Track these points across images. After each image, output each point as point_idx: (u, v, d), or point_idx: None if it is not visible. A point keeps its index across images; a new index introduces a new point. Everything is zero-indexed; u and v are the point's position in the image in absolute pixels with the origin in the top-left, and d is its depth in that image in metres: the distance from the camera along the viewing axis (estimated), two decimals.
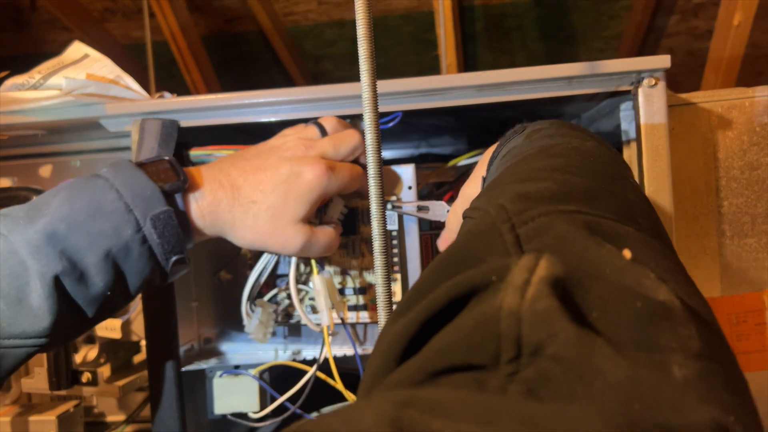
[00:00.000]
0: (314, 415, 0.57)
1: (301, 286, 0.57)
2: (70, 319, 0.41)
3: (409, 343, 0.21)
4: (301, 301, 0.57)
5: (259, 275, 0.56)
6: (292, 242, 0.47)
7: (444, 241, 0.52)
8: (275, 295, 0.58)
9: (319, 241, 0.49)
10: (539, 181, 0.29)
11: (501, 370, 0.18)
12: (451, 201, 0.51)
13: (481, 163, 0.46)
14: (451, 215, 0.49)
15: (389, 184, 0.54)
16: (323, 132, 0.50)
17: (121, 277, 0.42)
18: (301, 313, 0.54)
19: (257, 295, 0.58)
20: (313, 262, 0.54)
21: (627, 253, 0.23)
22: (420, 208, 0.53)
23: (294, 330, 0.60)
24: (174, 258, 0.43)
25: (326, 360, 0.54)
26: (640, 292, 0.20)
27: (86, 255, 0.40)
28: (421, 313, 0.21)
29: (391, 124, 0.52)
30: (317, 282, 0.54)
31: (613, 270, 0.21)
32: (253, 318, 0.56)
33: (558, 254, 0.21)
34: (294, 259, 0.54)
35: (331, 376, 0.54)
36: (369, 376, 0.22)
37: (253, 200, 0.46)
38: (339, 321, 0.56)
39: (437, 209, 0.52)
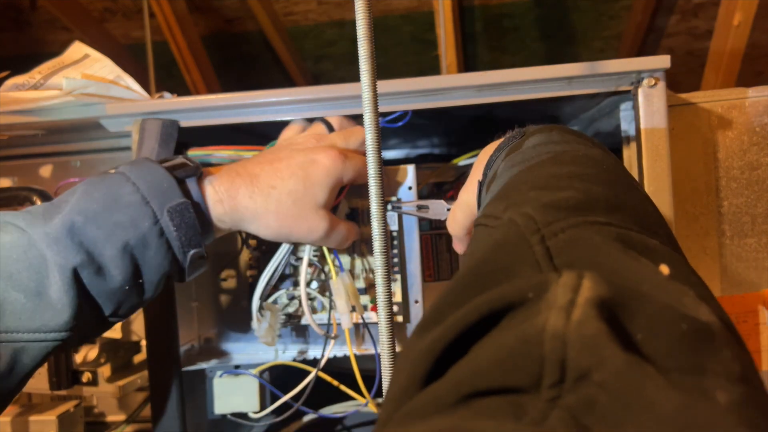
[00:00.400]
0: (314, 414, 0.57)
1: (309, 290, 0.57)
2: (89, 315, 0.41)
3: (436, 360, 0.20)
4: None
5: (270, 277, 0.56)
6: (316, 227, 0.48)
7: (456, 248, 0.51)
8: (276, 299, 0.58)
9: (340, 231, 0.50)
10: (560, 189, 0.28)
11: (542, 394, 0.17)
12: (452, 200, 0.50)
13: (476, 167, 0.45)
14: (451, 220, 0.48)
15: (390, 184, 0.54)
16: (330, 128, 0.52)
17: (138, 271, 0.42)
18: (310, 320, 0.54)
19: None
20: (331, 264, 0.54)
21: (665, 269, 0.22)
22: (419, 207, 0.53)
23: (299, 331, 0.60)
24: (192, 252, 0.44)
25: (328, 361, 0.54)
26: (683, 312, 0.19)
27: (104, 247, 0.40)
28: (451, 329, 0.20)
29: (400, 123, 0.52)
30: (338, 284, 0.53)
31: (652, 287, 0.20)
32: (263, 321, 0.55)
33: (596, 270, 0.20)
34: (305, 264, 0.54)
35: (335, 377, 0.54)
36: (393, 395, 0.21)
37: (272, 186, 0.46)
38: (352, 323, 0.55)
39: (437, 207, 0.52)
